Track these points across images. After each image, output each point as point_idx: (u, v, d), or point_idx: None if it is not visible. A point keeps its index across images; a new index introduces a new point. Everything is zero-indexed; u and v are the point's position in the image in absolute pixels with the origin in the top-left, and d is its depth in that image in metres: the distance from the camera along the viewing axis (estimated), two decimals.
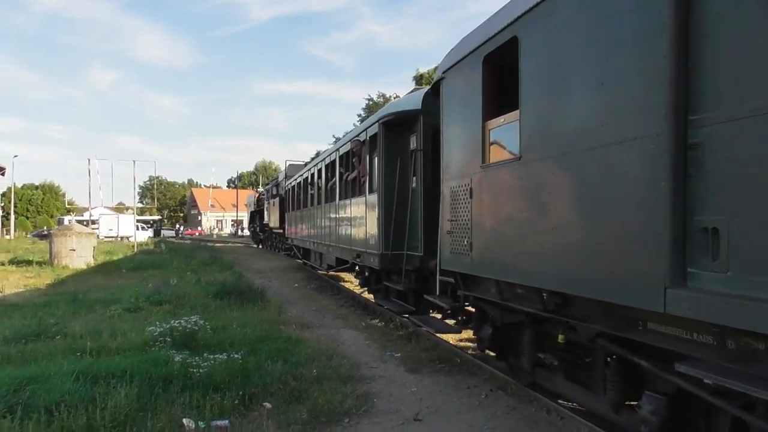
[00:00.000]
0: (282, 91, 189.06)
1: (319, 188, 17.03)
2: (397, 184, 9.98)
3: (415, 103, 9.79)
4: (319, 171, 17.05)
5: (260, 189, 52.41)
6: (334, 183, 14.61)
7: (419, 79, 42.20)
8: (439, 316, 9.19)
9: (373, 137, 11.03)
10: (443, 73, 7.20)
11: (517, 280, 5.41)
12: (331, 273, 17.19)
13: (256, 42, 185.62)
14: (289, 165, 27.17)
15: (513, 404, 5.96)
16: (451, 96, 7.01)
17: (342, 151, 13.98)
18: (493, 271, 5.84)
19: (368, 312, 12.30)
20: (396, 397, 6.28)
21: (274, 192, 31.64)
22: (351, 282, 17.23)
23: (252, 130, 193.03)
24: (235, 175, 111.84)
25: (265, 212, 35.98)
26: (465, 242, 6.24)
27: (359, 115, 55.61)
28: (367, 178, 11.28)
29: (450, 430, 5.34)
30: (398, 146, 10.18)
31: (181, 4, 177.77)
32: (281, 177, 30.05)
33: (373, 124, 11.08)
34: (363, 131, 11.79)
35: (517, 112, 5.27)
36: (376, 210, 10.44)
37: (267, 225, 35.20)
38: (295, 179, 22.86)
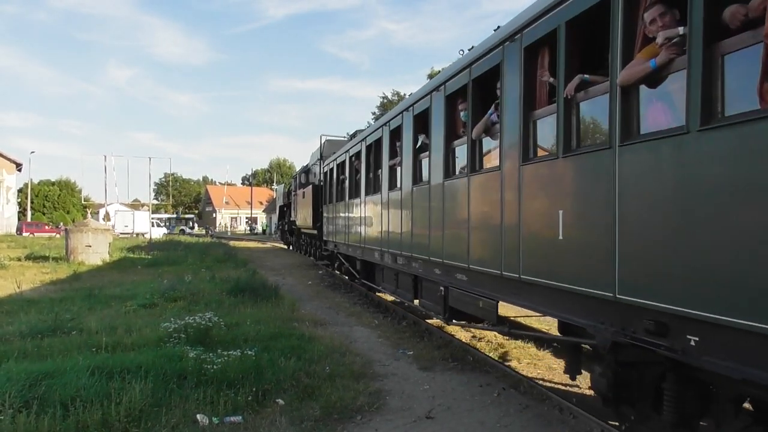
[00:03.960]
0: (297, 88, 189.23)
1: (417, 154, 8.90)
2: None
3: None
4: (418, 118, 8.77)
5: (275, 186, 51.64)
6: (498, 130, 6.14)
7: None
8: None
9: None
10: None
11: None
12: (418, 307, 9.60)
13: (272, 39, 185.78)
14: (326, 141, 20.22)
15: (525, 402, 5.94)
16: None
17: (530, 39, 5.39)
18: None
19: (381, 310, 12.30)
20: (408, 394, 6.28)
21: (303, 180, 24.63)
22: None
23: (267, 128, 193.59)
24: (249, 173, 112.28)
25: (292, 207, 29.29)
26: None
27: (373, 113, 55.70)
28: None
29: (462, 428, 5.33)
30: None
31: (198, 2, 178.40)
32: (312, 161, 23.15)
33: None
34: None
35: None
36: None
37: (294, 223, 28.09)
38: (345, 152, 14.74)
